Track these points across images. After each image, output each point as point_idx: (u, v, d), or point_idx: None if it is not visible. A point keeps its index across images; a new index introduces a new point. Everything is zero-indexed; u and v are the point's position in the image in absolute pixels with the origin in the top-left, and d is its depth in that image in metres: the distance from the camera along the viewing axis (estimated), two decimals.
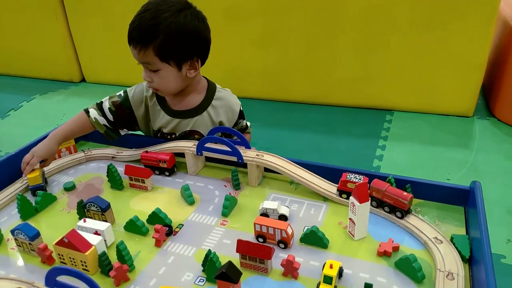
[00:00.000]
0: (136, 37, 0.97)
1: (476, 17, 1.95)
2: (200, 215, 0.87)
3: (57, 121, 2.32)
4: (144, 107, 1.12)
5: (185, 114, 1.09)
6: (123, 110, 1.11)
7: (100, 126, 1.09)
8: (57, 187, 0.99)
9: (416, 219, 0.79)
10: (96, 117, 1.09)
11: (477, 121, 2.15)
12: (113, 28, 2.68)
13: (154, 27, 0.95)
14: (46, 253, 0.75)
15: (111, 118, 1.10)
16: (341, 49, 2.24)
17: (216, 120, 1.10)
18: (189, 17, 0.98)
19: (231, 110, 1.12)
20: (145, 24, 0.95)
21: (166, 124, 1.10)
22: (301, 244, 0.77)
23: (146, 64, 1.00)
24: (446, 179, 1.66)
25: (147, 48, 0.96)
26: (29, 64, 3.08)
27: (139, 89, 1.13)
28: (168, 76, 1.01)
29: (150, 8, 0.97)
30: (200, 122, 1.10)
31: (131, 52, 1.00)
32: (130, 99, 1.12)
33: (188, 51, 1.00)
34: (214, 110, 1.10)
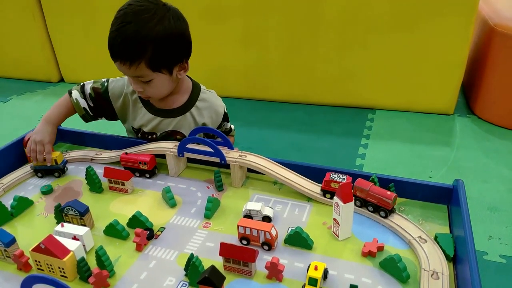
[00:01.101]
0: (123, 53, 0.92)
1: (456, 15, 1.98)
2: (182, 218, 0.85)
3: (35, 122, 2.25)
4: (122, 102, 1.09)
5: (168, 113, 1.07)
6: (102, 99, 1.10)
7: (80, 109, 1.09)
8: (34, 191, 0.96)
9: (400, 218, 0.79)
10: (78, 98, 1.09)
11: (458, 118, 2.19)
12: (91, 28, 2.63)
13: (141, 41, 0.91)
14: (22, 259, 0.72)
15: (91, 103, 1.10)
16: (322, 48, 2.25)
17: (199, 121, 1.08)
18: (172, 21, 0.95)
19: (215, 112, 1.11)
20: (131, 39, 0.90)
21: (147, 122, 1.08)
22: (285, 245, 0.76)
23: (137, 77, 0.97)
24: (428, 177, 1.68)
25: (138, 63, 0.93)
26: (6, 64, 3.00)
27: (120, 84, 1.10)
28: (162, 84, 1.00)
29: (130, 20, 0.91)
30: (182, 123, 1.08)
31: (117, 67, 0.96)
32: (109, 91, 1.10)
33: (177, 55, 0.99)
34: (198, 112, 1.08)
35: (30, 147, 1.00)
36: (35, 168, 1.01)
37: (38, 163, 1.00)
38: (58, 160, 1.00)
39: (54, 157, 0.99)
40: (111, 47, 0.93)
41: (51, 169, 1.00)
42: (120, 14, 0.93)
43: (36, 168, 1.01)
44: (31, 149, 1.00)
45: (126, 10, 0.93)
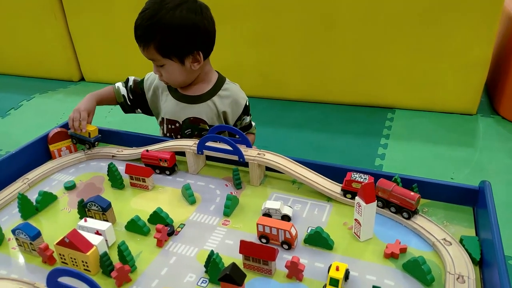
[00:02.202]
0: (139, 36, 1.01)
1: (480, 12, 1.93)
2: (202, 215, 0.85)
3: (57, 120, 2.31)
4: (153, 91, 1.17)
5: (191, 99, 1.12)
6: (138, 89, 1.19)
7: (119, 96, 1.18)
8: (58, 186, 0.98)
9: (424, 219, 0.78)
10: (120, 86, 1.19)
11: (481, 119, 2.14)
12: (112, 27, 2.67)
13: (152, 26, 0.99)
14: (47, 253, 0.74)
15: (130, 95, 1.19)
16: (339, 46, 2.22)
17: (220, 109, 1.11)
18: (184, 12, 0.99)
19: (236, 103, 1.13)
20: (145, 23, 0.99)
21: (171, 108, 1.13)
22: (305, 245, 0.75)
23: (151, 60, 1.05)
24: (450, 179, 1.65)
25: (149, 45, 1.01)
26: (29, 63, 3.07)
27: (153, 76, 1.18)
28: (173, 70, 1.05)
29: (148, 7, 1.00)
30: (204, 109, 1.11)
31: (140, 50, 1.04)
32: (144, 81, 1.19)
33: (187, 45, 1.02)
34: (220, 100, 1.12)
35: (70, 115, 1.08)
36: (70, 134, 1.08)
37: (74, 130, 1.06)
38: (92, 134, 1.05)
39: (89, 130, 1.05)
40: (135, 32, 1.03)
41: (83, 140, 1.06)
42: (147, 2, 1.02)
43: (72, 134, 1.08)
44: (70, 117, 1.07)
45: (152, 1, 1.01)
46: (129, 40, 2.79)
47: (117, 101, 1.20)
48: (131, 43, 2.96)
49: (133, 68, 2.75)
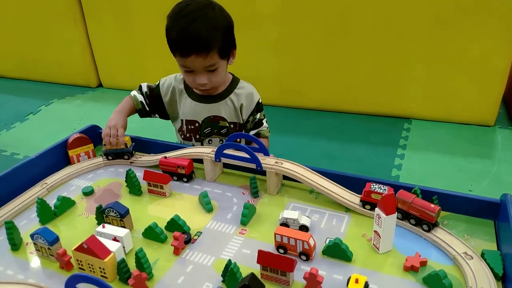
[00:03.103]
0: (200, 46, 1.00)
1: (498, 22, 1.91)
2: (219, 223, 0.85)
3: (74, 125, 2.34)
4: (171, 95, 1.19)
5: (209, 99, 1.15)
6: (154, 94, 1.22)
7: (137, 103, 1.21)
8: (76, 192, 0.99)
9: (444, 232, 0.76)
10: (136, 94, 1.22)
11: (499, 130, 2.10)
12: (130, 35, 2.71)
13: (213, 32, 1.00)
14: (64, 258, 0.74)
15: (147, 101, 1.22)
16: (357, 55, 2.22)
17: (237, 105, 1.16)
18: (225, 11, 1.06)
19: (250, 98, 1.17)
20: (203, 32, 0.99)
21: (190, 109, 1.16)
22: (323, 256, 0.75)
23: (208, 67, 1.04)
24: (468, 191, 1.62)
25: (211, 52, 1.01)
26: (48, 69, 3.13)
27: (168, 80, 1.21)
28: (223, 71, 1.09)
29: (196, 17, 0.99)
30: (223, 107, 1.15)
31: (188, 63, 1.03)
32: (160, 86, 1.22)
33: (234, 41, 1.10)
34: (236, 97, 1.16)
35: (104, 132, 1.08)
36: (105, 152, 1.08)
37: (111, 147, 1.07)
38: (127, 144, 1.07)
39: (126, 139, 1.07)
40: (183, 43, 1.00)
41: (121, 152, 1.08)
42: (182, 13, 1.00)
43: (107, 152, 1.08)
44: (105, 134, 1.08)
45: (186, 9, 1.01)
46: (146, 47, 2.83)
47: (135, 109, 1.22)
48: (149, 50, 3.02)
49: (150, 75, 2.79)
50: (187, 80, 1.11)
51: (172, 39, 1.03)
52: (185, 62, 1.03)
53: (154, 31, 2.61)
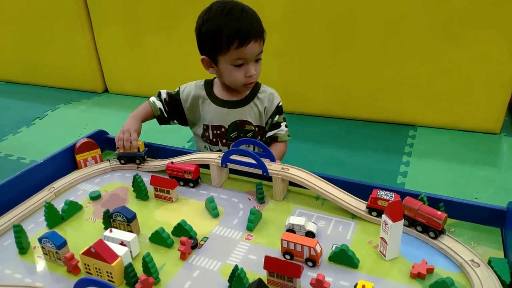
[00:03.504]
0: (258, 31, 1.06)
1: (503, 29, 1.91)
2: (225, 229, 0.85)
3: (80, 130, 2.36)
4: (191, 102, 1.21)
5: (234, 104, 1.17)
6: (174, 101, 1.23)
7: (156, 109, 1.22)
8: (83, 196, 1.00)
9: (451, 240, 0.76)
10: (155, 101, 1.23)
11: (505, 138, 2.09)
12: (136, 41, 2.73)
13: (259, 19, 1.08)
14: (72, 262, 0.75)
15: (166, 106, 1.23)
16: (362, 62, 2.22)
17: (261, 109, 1.18)
18: None
19: (271, 101, 1.20)
20: (256, 20, 1.07)
21: (215, 115, 1.17)
22: (330, 262, 0.75)
23: (259, 55, 1.09)
24: (474, 198, 1.61)
25: (261, 39, 1.08)
26: (54, 74, 3.16)
27: (189, 86, 1.23)
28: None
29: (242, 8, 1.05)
30: (248, 111, 1.17)
31: (245, 50, 1.05)
32: (180, 93, 1.22)
33: None
34: (259, 101, 1.18)
35: (118, 136, 1.09)
36: (118, 155, 1.09)
37: (124, 150, 1.08)
38: (140, 148, 1.08)
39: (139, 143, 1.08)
40: (243, 31, 1.03)
41: (133, 156, 1.08)
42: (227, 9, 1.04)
43: (120, 155, 1.09)
44: (118, 138, 1.09)
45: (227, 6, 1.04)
46: (152, 53, 2.85)
47: (154, 115, 1.23)
48: (155, 56, 3.03)
49: (156, 80, 2.81)
50: (235, 76, 1.10)
51: (226, 35, 1.03)
52: (243, 51, 1.04)
53: (160, 37, 2.63)
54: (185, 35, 2.58)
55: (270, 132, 1.20)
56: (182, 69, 2.65)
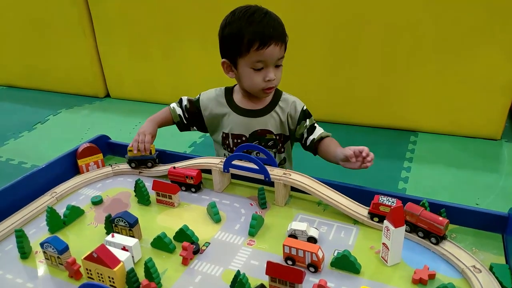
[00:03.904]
0: (279, 34, 1.04)
1: (504, 37, 1.92)
2: (227, 234, 0.86)
3: (82, 135, 2.36)
4: (211, 110, 1.18)
5: (255, 113, 1.15)
6: (194, 108, 1.21)
7: (176, 116, 1.21)
8: (85, 201, 1.00)
9: (452, 245, 0.76)
10: (175, 107, 1.22)
11: (506, 144, 2.10)
12: (138, 46, 2.74)
13: (282, 23, 1.07)
14: (74, 267, 0.75)
15: (186, 114, 1.21)
16: (364, 68, 2.23)
17: (283, 117, 1.15)
18: None
19: (294, 108, 1.15)
20: (278, 24, 1.05)
21: (236, 125, 1.15)
22: (332, 268, 0.75)
23: (279, 60, 1.07)
24: (475, 204, 1.61)
25: (283, 43, 1.06)
26: (56, 79, 3.17)
27: (209, 93, 1.21)
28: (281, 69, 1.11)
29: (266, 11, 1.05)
30: (269, 120, 1.14)
31: (265, 53, 1.03)
32: (200, 100, 1.20)
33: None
34: (281, 110, 1.15)
35: (134, 139, 1.10)
36: (129, 158, 1.09)
37: (138, 153, 1.08)
38: (152, 151, 1.08)
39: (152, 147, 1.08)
40: (263, 33, 1.02)
41: (144, 159, 1.08)
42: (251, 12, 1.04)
43: (130, 158, 1.09)
44: (134, 140, 1.09)
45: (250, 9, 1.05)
46: (154, 57, 2.86)
47: (173, 121, 1.22)
48: (157, 61, 3.04)
49: (158, 85, 2.82)
50: (254, 80, 1.07)
51: (247, 36, 1.02)
52: (262, 54, 1.02)
53: (162, 42, 2.64)
54: (187, 40, 2.59)
55: (311, 137, 1.14)
56: (184, 74, 2.66)
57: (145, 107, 2.71)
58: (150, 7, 2.57)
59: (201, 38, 2.51)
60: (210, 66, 2.60)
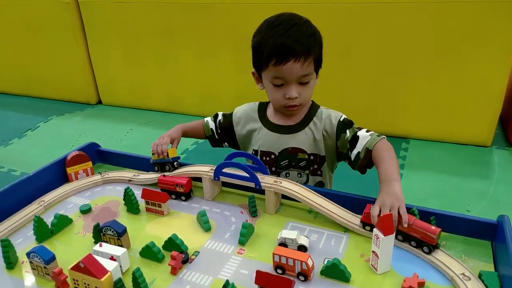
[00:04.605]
0: (299, 50, 0.93)
1: (494, 46, 1.95)
2: (217, 243, 0.85)
3: (73, 142, 2.35)
4: (243, 125, 1.14)
5: (287, 129, 1.07)
6: (227, 123, 1.17)
7: (208, 130, 1.18)
8: (73, 210, 0.99)
9: (442, 253, 0.76)
10: (209, 121, 1.19)
11: (496, 151, 2.12)
12: (130, 53, 2.74)
13: (313, 36, 0.96)
14: (61, 277, 0.74)
15: (219, 128, 1.18)
16: (356, 75, 2.25)
17: (317, 134, 1.05)
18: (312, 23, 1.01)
19: (330, 122, 1.05)
20: (302, 36, 0.94)
21: (265, 141, 1.08)
22: (322, 277, 0.74)
23: (302, 77, 0.97)
24: (466, 211, 1.62)
25: (309, 58, 0.95)
26: (47, 85, 3.15)
27: (243, 108, 1.16)
28: (313, 86, 1.02)
29: (295, 23, 0.95)
30: (302, 139, 1.06)
31: (283, 71, 0.95)
32: (233, 115, 1.16)
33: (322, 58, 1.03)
34: (315, 126, 1.06)
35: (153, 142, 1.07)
36: (153, 162, 1.07)
37: (159, 156, 1.06)
38: (169, 154, 1.05)
39: (172, 150, 1.06)
40: (281, 48, 0.93)
41: (163, 163, 1.06)
42: (277, 22, 0.96)
43: (154, 162, 1.07)
44: (153, 143, 1.07)
45: (280, 19, 0.96)
46: (146, 64, 2.86)
47: (205, 135, 1.18)
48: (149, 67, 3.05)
49: (150, 92, 2.81)
50: (275, 97, 1.01)
51: (267, 48, 0.95)
52: (281, 70, 0.94)
53: (154, 48, 2.64)
54: (179, 46, 2.59)
55: (354, 150, 1.00)
56: (177, 80, 2.66)
57: (137, 114, 2.71)
58: (143, 14, 2.58)
59: (195, 45, 2.52)
60: (204, 73, 2.62)
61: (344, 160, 1.07)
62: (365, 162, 0.99)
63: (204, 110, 2.61)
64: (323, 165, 1.09)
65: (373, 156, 0.97)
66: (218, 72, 2.45)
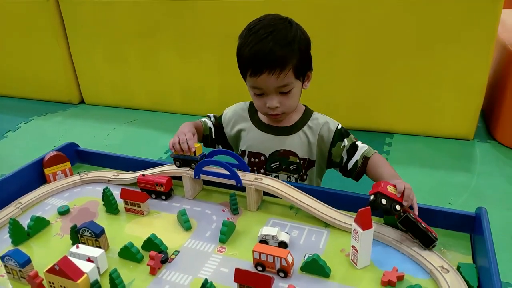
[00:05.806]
0: (273, 61, 0.90)
1: (475, 41, 1.97)
2: (197, 242, 0.84)
3: (55, 142, 2.31)
4: (232, 126, 1.11)
5: (279, 131, 1.04)
6: (218, 124, 1.15)
7: (206, 128, 1.13)
8: (51, 211, 0.97)
9: (421, 247, 0.77)
10: (206, 120, 1.15)
11: (478, 144, 2.15)
12: (112, 52, 2.71)
13: (290, 45, 0.91)
14: (36, 280, 0.72)
15: (213, 128, 1.15)
16: (339, 72, 2.25)
17: (312, 138, 1.03)
18: (303, 29, 0.97)
19: (327, 129, 1.04)
20: (280, 45, 0.90)
21: (256, 141, 1.05)
22: (302, 272, 0.74)
23: (281, 87, 0.94)
24: (448, 204, 1.64)
25: (286, 69, 0.91)
26: (28, 85, 3.10)
27: (233, 108, 1.14)
28: (297, 93, 0.98)
29: (272, 30, 0.91)
30: (295, 141, 1.03)
31: (259, 83, 0.93)
32: (223, 116, 1.14)
33: (311, 62, 0.99)
34: (310, 130, 1.04)
35: (171, 142, 0.97)
36: (174, 156, 0.98)
37: (184, 153, 0.97)
38: (196, 152, 0.97)
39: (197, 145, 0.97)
40: (255, 60, 0.91)
41: (189, 160, 0.97)
42: (256, 28, 0.92)
43: (175, 156, 0.98)
44: (172, 143, 0.97)
45: (260, 24, 0.93)
46: (129, 63, 2.82)
47: (203, 134, 1.14)
48: (132, 66, 3.01)
49: (133, 91, 2.78)
50: (256, 104, 1.00)
51: (243, 58, 0.93)
52: (256, 81, 0.92)
53: (137, 47, 2.61)
54: (162, 45, 2.57)
55: (352, 159, 1.02)
56: (160, 79, 2.63)
57: (120, 113, 2.67)
58: (125, 12, 2.54)
59: (178, 43, 2.50)
60: (188, 72, 2.60)
61: (335, 168, 1.08)
62: (361, 170, 1.01)
63: (188, 109, 2.61)
64: (310, 170, 1.07)
65: (371, 162, 0.99)
66: (202, 71, 2.44)
